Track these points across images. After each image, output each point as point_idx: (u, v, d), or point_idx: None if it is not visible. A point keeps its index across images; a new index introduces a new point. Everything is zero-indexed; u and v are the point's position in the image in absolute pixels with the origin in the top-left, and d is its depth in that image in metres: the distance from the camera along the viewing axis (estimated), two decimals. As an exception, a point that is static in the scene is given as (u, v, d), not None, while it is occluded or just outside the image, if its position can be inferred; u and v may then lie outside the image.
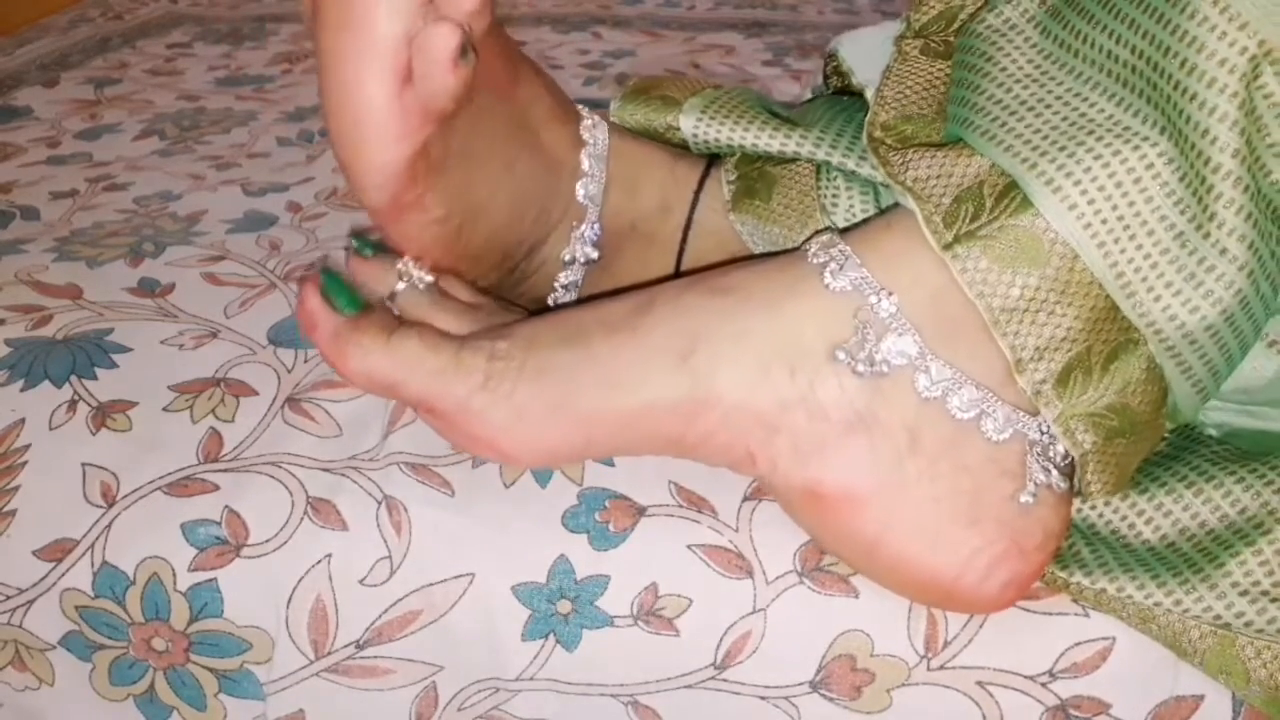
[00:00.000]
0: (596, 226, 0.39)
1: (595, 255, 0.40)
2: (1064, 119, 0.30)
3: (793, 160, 0.40)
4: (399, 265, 0.35)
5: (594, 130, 0.40)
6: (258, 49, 0.82)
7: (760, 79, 0.74)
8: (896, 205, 0.33)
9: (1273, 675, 0.31)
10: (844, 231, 0.33)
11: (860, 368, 0.30)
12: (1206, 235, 0.28)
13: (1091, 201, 0.28)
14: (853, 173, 0.38)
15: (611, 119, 0.44)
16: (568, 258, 0.39)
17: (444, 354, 0.31)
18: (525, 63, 0.38)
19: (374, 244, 0.36)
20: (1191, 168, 0.28)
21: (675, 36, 0.85)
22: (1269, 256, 0.29)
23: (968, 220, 0.30)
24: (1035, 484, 0.31)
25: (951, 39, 0.36)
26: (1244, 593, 0.30)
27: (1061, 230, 0.29)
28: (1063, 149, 0.29)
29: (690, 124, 0.41)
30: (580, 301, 0.39)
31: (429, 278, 0.35)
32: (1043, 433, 0.31)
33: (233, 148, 0.61)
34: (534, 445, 0.32)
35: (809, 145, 0.39)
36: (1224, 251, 0.28)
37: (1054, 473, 0.31)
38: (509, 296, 0.39)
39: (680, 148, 0.43)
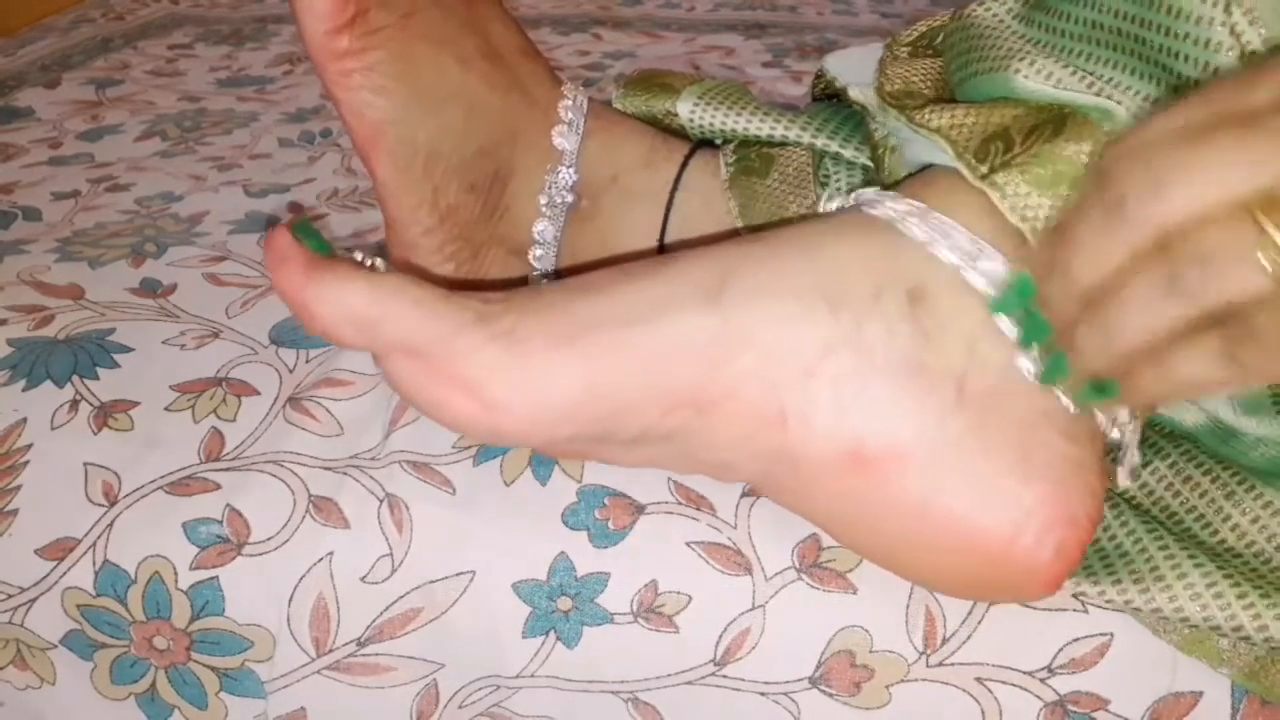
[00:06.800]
0: (573, 170, 0.40)
1: (571, 199, 0.40)
2: (1071, 71, 0.31)
3: (788, 144, 0.41)
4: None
5: (576, 92, 0.41)
6: (259, 50, 0.82)
7: (760, 80, 0.74)
8: (925, 169, 0.34)
9: (1246, 663, 0.31)
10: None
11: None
12: None
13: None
14: (838, 155, 0.39)
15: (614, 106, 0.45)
16: (544, 201, 0.39)
17: (432, 290, 0.27)
18: None
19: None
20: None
21: (675, 38, 0.85)
22: None
23: (1000, 155, 0.30)
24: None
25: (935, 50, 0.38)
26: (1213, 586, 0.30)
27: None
28: (1082, 79, 0.30)
29: (687, 108, 0.42)
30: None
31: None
32: None
33: (234, 149, 0.61)
34: (528, 389, 0.27)
35: (796, 129, 0.40)
36: None
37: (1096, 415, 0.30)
38: (480, 239, 0.39)
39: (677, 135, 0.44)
